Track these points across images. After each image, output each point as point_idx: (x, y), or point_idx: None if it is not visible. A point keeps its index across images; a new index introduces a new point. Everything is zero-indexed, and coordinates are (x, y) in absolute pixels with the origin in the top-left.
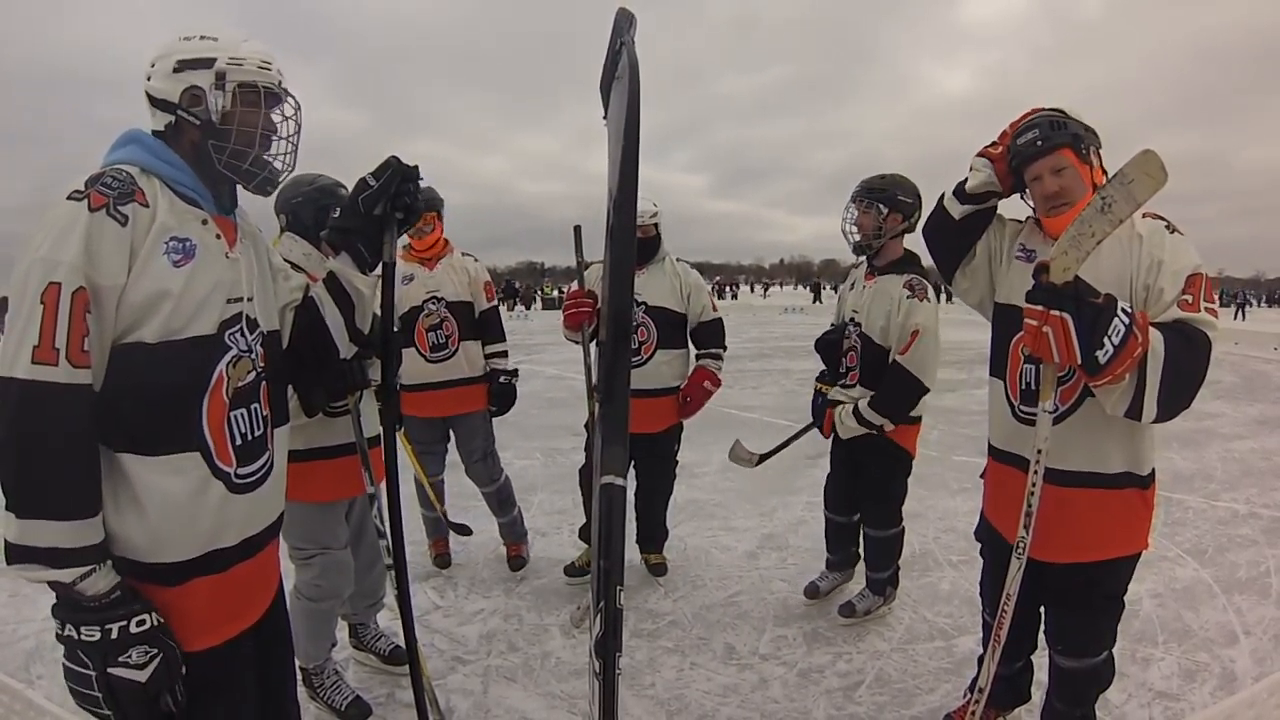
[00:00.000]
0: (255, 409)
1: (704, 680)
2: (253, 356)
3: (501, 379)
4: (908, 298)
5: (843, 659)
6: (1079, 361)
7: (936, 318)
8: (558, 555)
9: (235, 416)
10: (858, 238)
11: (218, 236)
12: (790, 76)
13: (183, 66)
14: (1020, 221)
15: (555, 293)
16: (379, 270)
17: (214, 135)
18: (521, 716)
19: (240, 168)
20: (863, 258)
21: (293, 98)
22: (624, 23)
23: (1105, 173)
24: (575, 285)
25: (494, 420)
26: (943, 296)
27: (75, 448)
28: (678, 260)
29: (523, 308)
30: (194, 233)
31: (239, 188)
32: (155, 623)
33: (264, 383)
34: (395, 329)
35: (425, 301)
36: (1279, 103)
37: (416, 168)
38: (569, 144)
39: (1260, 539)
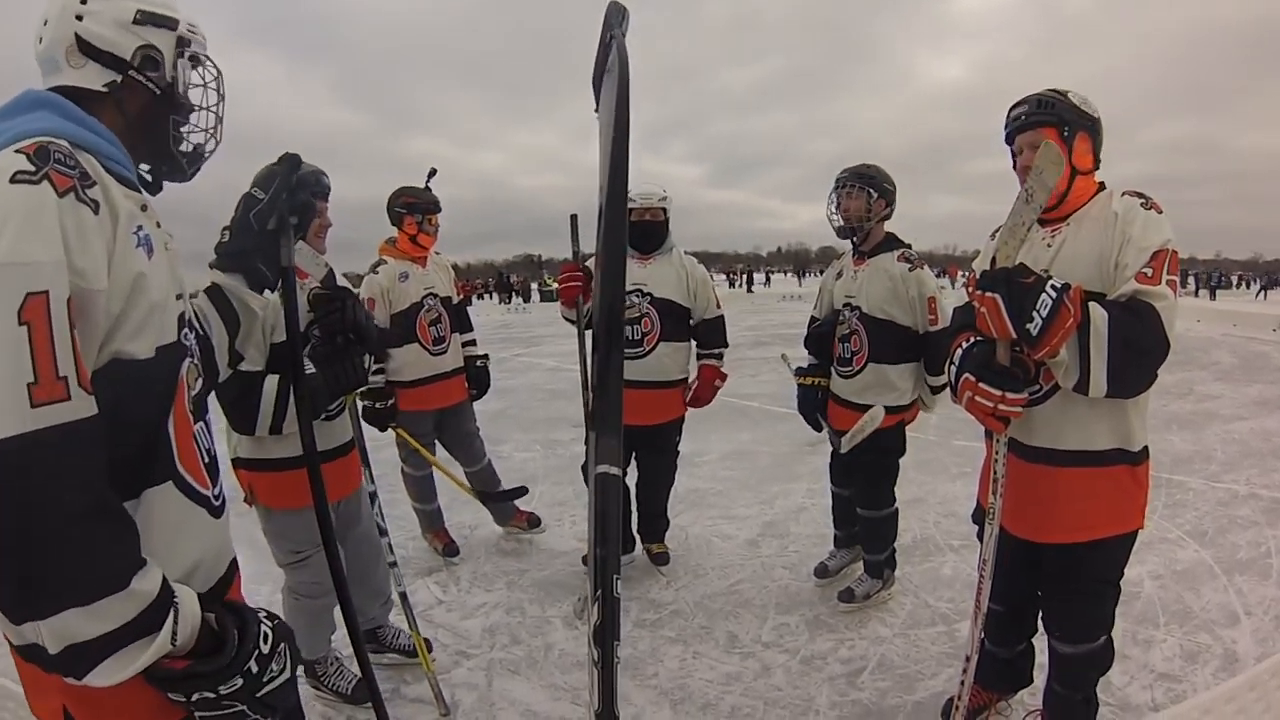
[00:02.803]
0: (209, 420)
1: (707, 669)
2: (196, 361)
3: (478, 362)
4: (910, 270)
5: (845, 645)
6: (1012, 335)
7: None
8: (559, 547)
9: (198, 431)
10: (839, 222)
11: (158, 225)
12: (786, 68)
13: (145, 19)
14: None
15: (553, 285)
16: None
17: (176, 110)
18: (526, 709)
19: (194, 153)
20: (847, 249)
21: (215, 64)
22: (615, 16)
23: (1095, 157)
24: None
25: (494, 416)
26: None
27: (103, 495)
28: (685, 253)
29: (520, 300)
30: (142, 220)
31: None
32: (266, 616)
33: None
34: (386, 327)
35: (424, 297)
36: (1275, 88)
37: (297, 155)
38: (565, 139)
39: (1260, 520)
